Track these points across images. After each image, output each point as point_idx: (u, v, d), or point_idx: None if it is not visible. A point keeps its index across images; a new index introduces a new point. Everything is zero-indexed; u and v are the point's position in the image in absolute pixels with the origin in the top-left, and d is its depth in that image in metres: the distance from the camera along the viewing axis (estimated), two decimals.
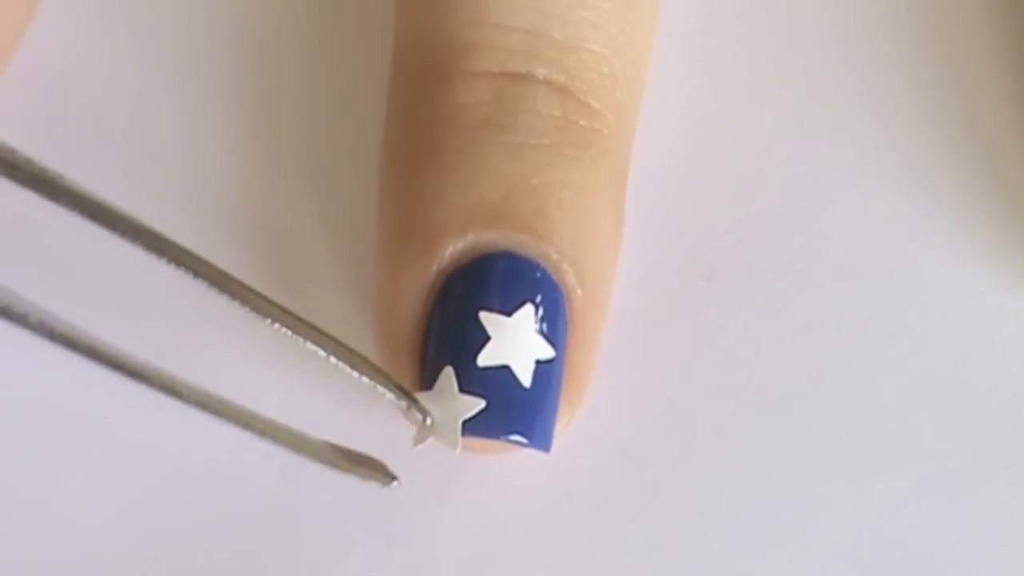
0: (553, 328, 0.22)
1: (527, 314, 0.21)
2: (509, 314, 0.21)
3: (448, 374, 0.21)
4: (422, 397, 0.21)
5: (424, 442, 0.21)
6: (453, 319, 0.21)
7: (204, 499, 0.23)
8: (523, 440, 0.21)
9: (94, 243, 0.24)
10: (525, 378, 0.21)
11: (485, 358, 0.21)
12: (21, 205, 0.20)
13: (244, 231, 0.25)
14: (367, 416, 0.23)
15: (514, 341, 0.21)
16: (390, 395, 0.21)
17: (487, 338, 0.21)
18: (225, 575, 0.23)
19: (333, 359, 0.21)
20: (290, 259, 0.24)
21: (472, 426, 0.21)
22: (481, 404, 0.21)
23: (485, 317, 0.21)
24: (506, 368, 0.21)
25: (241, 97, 0.25)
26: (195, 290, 0.24)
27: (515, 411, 0.21)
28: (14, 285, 0.21)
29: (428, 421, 0.21)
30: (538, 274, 0.21)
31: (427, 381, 0.21)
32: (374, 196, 0.23)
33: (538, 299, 0.21)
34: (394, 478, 0.22)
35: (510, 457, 0.23)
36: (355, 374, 0.21)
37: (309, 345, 0.20)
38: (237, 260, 0.24)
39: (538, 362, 0.21)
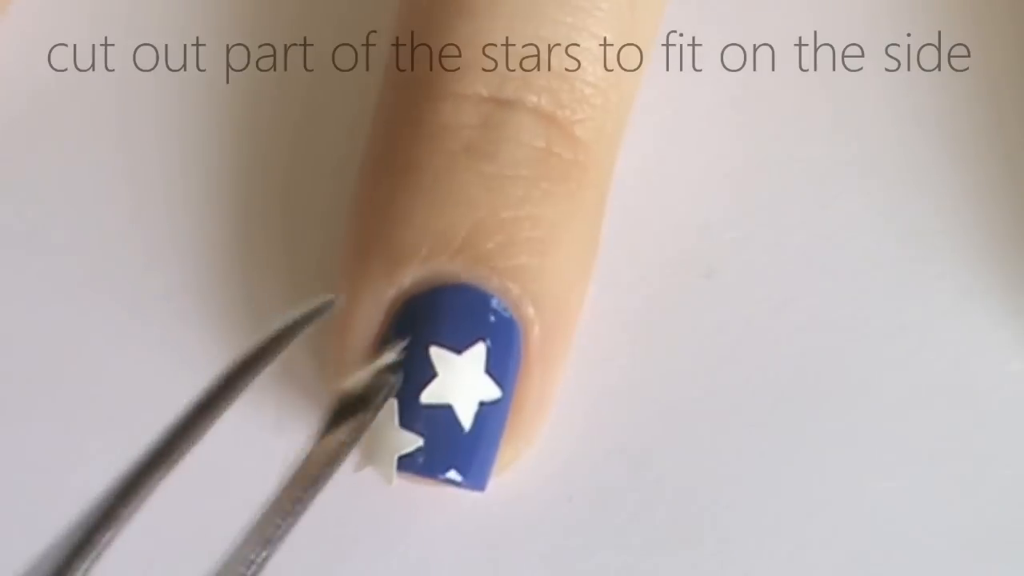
0: (503, 366, 0.21)
1: (477, 354, 0.21)
2: (460, 352, 0.21)
3: (391, 407, 0.21)
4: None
5: (362, 470, 0.21)
6: (405, 350, 0.21)
7: (204, 499, 0.23)
8: (457, 479, 0.21)
9: (92, 254, 0.24)
10: (466, 420, 0.21)
11: (429, 395, 0.21)
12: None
13: (221, 233, 0.25)
14: None
15: (460, 381, 0.21)
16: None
17: (434, 375, 0.21)
18: None
19: None
20: (256, 268, 0.25)
21: (409, 464, 0.21)
22: (418, 443, 0.21)
23: (435, 353, 0.21)
24: (449, 408, 0.21)
25: (222, 101, 0.25)
26: (190, 299, 0.24)
27: (451, 452, 0.21)
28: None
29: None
30: (495, 310, 0.21)
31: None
32: (344, 207, 0.23)
33: (492, 336, 0.21)
34: None
35: None
36: None
37: None
38: (202, 263, 0.24)
39: (482, 403, 0.21)
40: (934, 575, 0.23)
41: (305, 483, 0.20)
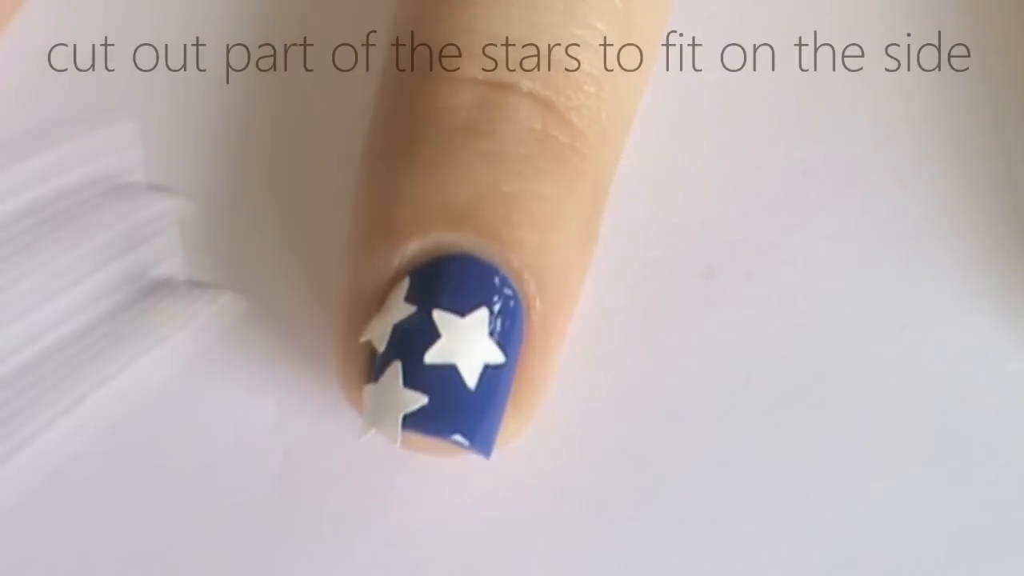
0: (507, 335, 0.21)
1: (481, 317, 0.21)
2: (463, 315, 0.21)
3: (395, 368, 0.21)
4: (367, 389, 0.21)
5: (367, 434, 0.21)
6: (408, 314, 0.21)
7: (203, 499, 0.23)
8: (464, 441, 0.21)
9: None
10: (471, 379, 0.21)
11: (433, 355, 0.21)
12: None
13: (222, 233, 0.25)
14: None
15: (464, 342, 0.21)
16: None
17: (438, 336, 0.21)
18: (225, 575, 0.23)
19: None
20: (257, 268, 0.25)
21: (415, 422, 0.21)
22: (423, 400, 0.21)
23: (438, 316, 0.21)
24: (453, 368, 0.21)
25: (222, 101, 0.25)
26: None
27: (458, 412, 0.21)
28: None
29: None
30: (497, 279, 0.21)
31: (375, 373, 0.21)
32: (344, 205, 0.23)
33: (495, 304, 0.21)
34: None
35: (509, 455, 0.23)
36: None
37: None
38: (202, 263, 0.24)
39: (487, 367, 0.21)
40: (933, 575, 0.23)
41: None
